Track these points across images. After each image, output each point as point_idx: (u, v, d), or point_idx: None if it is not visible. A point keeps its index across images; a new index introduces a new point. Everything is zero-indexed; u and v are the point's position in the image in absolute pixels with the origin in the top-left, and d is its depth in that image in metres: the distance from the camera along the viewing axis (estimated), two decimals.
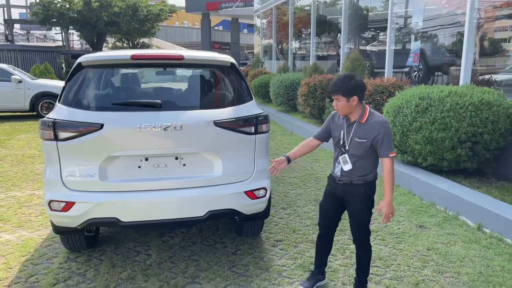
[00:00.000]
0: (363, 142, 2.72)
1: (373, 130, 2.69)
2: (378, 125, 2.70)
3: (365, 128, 2.72)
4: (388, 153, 2.71)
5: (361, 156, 2.77)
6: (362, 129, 2.73)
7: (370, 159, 2.80)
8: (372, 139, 2.70)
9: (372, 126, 2.70)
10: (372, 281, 3.26)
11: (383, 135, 2.68)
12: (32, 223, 4.45)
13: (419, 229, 4.20)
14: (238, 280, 3.30)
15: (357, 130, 2.74)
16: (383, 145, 2.70)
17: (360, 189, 2.82)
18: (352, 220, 2.92)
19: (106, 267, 3.49)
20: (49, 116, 3.06)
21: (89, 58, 3.24)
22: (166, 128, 3.03)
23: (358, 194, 2.83)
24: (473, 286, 3.17)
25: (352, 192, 2.84)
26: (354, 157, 2.78)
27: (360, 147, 2.74)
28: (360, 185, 2.82)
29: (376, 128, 2.69)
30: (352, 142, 2.76)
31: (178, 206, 3.13)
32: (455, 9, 8.14)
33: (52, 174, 3.03)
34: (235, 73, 3.51)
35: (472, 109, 4.91)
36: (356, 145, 2.74)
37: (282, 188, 5.59)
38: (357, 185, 2.82)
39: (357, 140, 2.73)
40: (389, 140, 2.70)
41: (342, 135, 2.81)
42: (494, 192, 4.71)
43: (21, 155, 7.60)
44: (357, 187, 2.83)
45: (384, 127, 2.69)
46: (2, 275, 3.39)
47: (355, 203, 2.85)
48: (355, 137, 2.75)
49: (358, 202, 2.84)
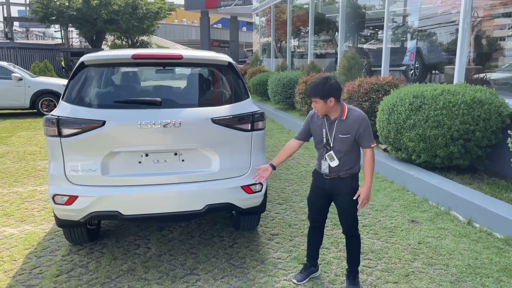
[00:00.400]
0: (347, 137, 2.88)
1: (355, 124, 2.87)
2: (358, 119, 2.88)
3: (347, 124, 2.88)
4: (369, 144, 2.92)
5: (346, 151, 2.93)
6: (344, 125, 2.89)
7: (354, 153, 2.97)
8: (355, 133, 2.88)
9: (353, 121, 2.87)
10: (364, 273, 3.38)
11: (364, 128, 2.87)
12: (35, 218, 4.57)
13: (411, 224, 4.33)
14: (235, 272, 3.42)
15: (339, 127, 2.90)
16: (365, 137, 2.89)
17: (348, 182, 3.00)
18: (342, 211, 3.05)
19: (107, 260, 3.62)
20: (53, 113, 3.17)
21: (91, 57, 3.36)
22: (165, 125, 3.15)
23: (346, 187, 2.99)
24: (461, 277, 3.30)
25: (341, 186, 3.00)
26: (340, 153, 2.94)
27: (345, 142, 2.90)
28: (347, 178, 2.99)
29: (357, 122, 2.87)
30: (337, 139, 2.92)
31: (177, 200, 3.25)
32: (450, 8, 8.25)
33: (56, 169, 3.15)
34: (232, 72, 3.62)
35: (464, 107, 5.03)
36: (341, 141, 2.90)
37: (278, 184, 5.71)
38: (345, 178, 2.99)
39: (341, 136, 2.89)
40: (370, 132, 2.90)
41: (325, 133, 2.96)
42: (485, 188, 4.84)
43: (22, 152, 7.71)
44: (345, 180, 2.99)
45: (364, 121, 2.88)
46: (7, 267, 3.51)
47: (344, 196, 3.00)
48: (338, 134, 2.90)
49: (346, 194, 2.99)
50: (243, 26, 52.71)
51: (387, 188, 5.44)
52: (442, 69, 9.18)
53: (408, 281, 3.26)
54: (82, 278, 3.33)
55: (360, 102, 6.93)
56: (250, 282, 3.26)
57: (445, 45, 9.03)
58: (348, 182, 3.00)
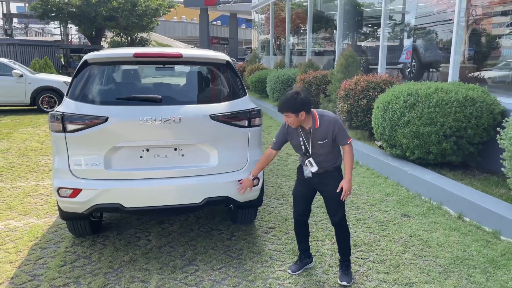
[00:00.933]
0: (325, 142, 3.07)
1: (329, 129, 3.05)
2: (331, 123, 3.06)
3: (322, 130, 3.06)
4: (345, 141, 3.10)
5: (328, 152, 3.12)
6: (320, 132, 3.06)
7: (335, 151, 3.17)
8: (331, 136, 3.06)
9: (327, 126, 3.05)
10: (356, 264, 3.52)
11: (338, 129, 3.06)
12: (38, 211, 4.70)
13: (404, 218, 4.46)
14: (232, 263, 3.56)
15: (316, 134, 3.07)
16: (340, 136, 3.08)
17: (335, 174, 3.19)
18: (331, 202, 3.21)
19: (109, 251, 3.75)
20: (57, 110, 3.30)
21: (94, 56, 3.48)
22: (166, 121, 3.28)
23: (333, 177, 3.18)
24: (449, 268, 3.43)
25: (328, 178, 3.18)
26: (323, 155, 3.13)
27: (324, 146, 3.09)
28: (333, 171, 3.18)
29: (330, 127, 3.05)
30: (316, 146, 3.10)
31: (177, 193, 3.38)
32: (446, 7, 8.38)
33: (60, 163, 3.28)
34: (230, 70, 3.75)
35: (457, 105, 5.16)
36: (321, 146, 3.09)
37: (275, 180, 5.84)
38: (331, 171, 3.18)
39: (320, 142, 3.08)
40: (343, 130, 3.10)
41: (302, 142, 3.14)
42: (476, 184, 4.97)
43: (24, 148, 7.83)
44: (331, 173, 3.18)
45: (336, 122, 3.07)
46: (12, 258, 3.64)
47: (332, 186, 3.16)
48: (317, 141, 3.08)
49: (334, 185, 3.16)
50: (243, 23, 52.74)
51: (381, 183, 5.58)
52: (439, 67, 9.31)
53: (398, 271, 3.39)
54: (86, 268, 3.46)
55: (356, 99, 7.06)
56: (247, 272, 3.40)
57: (441, 44, 9.15)
58: (335, 174, 3.18)
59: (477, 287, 3.17)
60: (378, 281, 3.26)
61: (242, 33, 49.03)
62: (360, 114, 7.09)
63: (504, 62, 7.40)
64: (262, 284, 3.23)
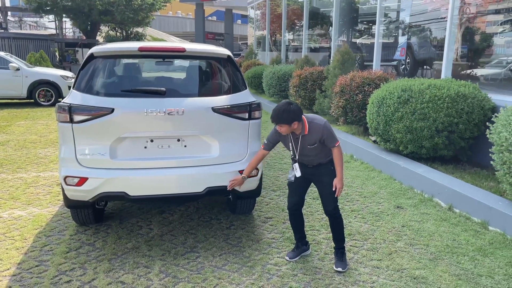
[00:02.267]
0: (315, 146, 3.24)
1: (317, 134, 3.20)
2: (319, 129, 3.20)
3: (311, 137, 3.21)
4: (334, 144, 3.25)
5: (318, 152, 3.28)
6: (309, 138, 3.22)
7: (326, 148, 3.31)
8: (319, 140, 3.21)
9: (316, 132, 3.19)
10: (350, 252, 3.68)
11: (326, 134, 3.20)
12: (41, 201, 4.80)
13: (397, 209, 4.63)
14: (232, 250, 3.70)
15: (305, 140, 3.23)
16: (328, 140, 3.23)
17: (327, 165, 3.35)
18: (325, 192, 3.36)
19: (113, 239, 3.88)
20: (64, 101, 3.41)
21: (100, 49, 3.59)
22: (169, 113, 3.40)
23: (327, 169, 3.34)
24: (439, 256, 3.60)
25: (321, 170, 3.34)
26: (314, 155, 3.29)
27: (314, 149, 3.26)
28: (326, 163, 3.34)
29: (319, 132, 3.20)
30: (306, 150, 3.26)
31: (180, 182, 3.51)
32: (440, 5, 8.53)
33: (67, 153, 3.40)
34: (231, 64, 3.88)
35: (448, 101, 5.33)
36: (310, 150, 3.26)
37: (273, 173, 5.99)
38: (324, 163, 3.34)
39: (309, 147, 3.24)
40: (332, 135, 3.23)
41: (291, 146, 3.32)
42: (466, 177, 5.15)
43: (23, 140, 7.91)
44: (324, 165, 3.34)
45: (325, 128, 3.20)
46: (18, 245, 3.75)
47: (326, 177, 3.33)
48: (306, 145, 3.24)
49: (327, 176, 3.33)
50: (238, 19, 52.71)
51: (375, 177, 5.74)
52: (432, 64, 9.48)
53: (391, 258, 3.55)
54: (90, 254, 3.59)
55: (351, 95, 7.21)
56: (246, 259, 3.54)
57: (435, 41, 9.32)
58: (328, 166, 3.34)
59: (466, 273, 3.33)
60: (372, 268, 3.42)
61: (237, 29, 49.03)
62: (355, 109, 7.25)
63: (495, 60, 7.57)
64: (260, 270, 3.37)
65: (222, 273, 3.33)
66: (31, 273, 3.29)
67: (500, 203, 4.21)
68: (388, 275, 3.30)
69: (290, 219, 3.58)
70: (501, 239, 3.85)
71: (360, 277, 3.28)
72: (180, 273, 3.31)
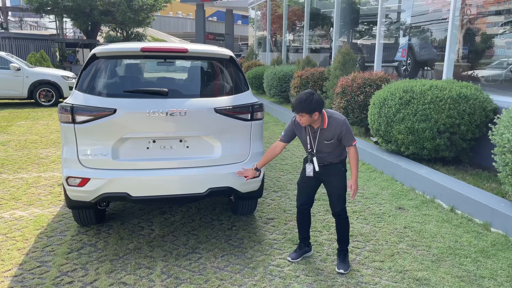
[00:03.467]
0: (331, 142, 3.20)
1: (336, 130, 3.16)
2: (339, 125, 3.16)
3: (329, 131, 3.17)
4: (351, 142, 3.21)
5: (332, 150, 3.26)
6: (327, 132, 3.18)
7: (340, 147, 3.29)
8: (337, 137, 3.18)
9: (334, 127, 3.16)
10: (353, 253, 3.67)
11: (345, 131, 3.16)
12: (42, 202, 4.80)
13: (398, 211, 4.62)
14: (234, 251, 3.69)
15: (323, 134, 3.20)
16: (346, 138, 3.19)
17: (338, 166, 3.32)
18: (333, 193, 3.34)
19: (114, 239, 3.87)
20: (67, 102, 3.41)
21: (102, 49, 3.59)
22: (172, 114, 3.39)
23: (337, 169, 3.31)
24: (441, 257, 3.59)
25: (332, 170, 3.31)
26: (327, 152, 3.26)
27: (330, 146, 3.23)
28: (337, 163, 3.31)
29: (338, 128, 3.16)
30: (321, 144, 3.23)
31: (182, 183, 3.51)
32: (441, 7, 8.53)
33: (69, 153, 3.39)
34: (233, 65, 3.87)
35: (450, 102, 5.32)
36: (326, 145, 3.22)
37: (274, 174, 5.98)
38: (335, 163, 3.31)
39: (326, 142, 3.21)
40: (350, 133, 3.19)
41: (309, 140, 3.27)
42: (468, 178, 5.14)
43: (23, 141, 7.90)
44: (336, 165, 3.32)
45: (344, 125, 3.16)
46: (20, 245, 3.75)
47: (336, 178, 3.31)
48: (323, 140, 3.21)
49: (337, 176, 3.31)
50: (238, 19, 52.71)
51: (377, 178, 5.73)
52: (433, 65, 9.48)
53: (393, 260, 3.55)
54: (92, 255, 3.58)
55: (353, 96, 7.21)
56: (248, 260, 3.53)
57: (436, 42, 9.32)
58: (339, 166, 3.32)
59: (468, 275, 3.32)
60: (374, 269, 3.41)
61: (238, 29, 49.02)
62: (356, 110, 7.25)
63: (497, 61, 7.57)
64: (263, 271, 3.36)
65: (224, 274, 3.32)
66: (32, 274, 3.28)
67: (502, 204, 4.20)
68: (390, 277, 3.29)
69: (297, 218, 3.57)
70: (503, 241, 3.84)
71: (362, 278, 3.28)
72: (182, 274, 3.30)
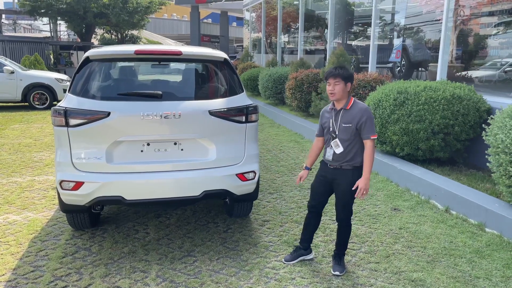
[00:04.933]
0: (349, 127, 3.10)
1: (357, 115, 3.09)
2: (361, 111, 3.10)
3: (351, 114, 3.11)
4: (369, 135, 3.09)
5: (348, 139, 3.14)
6: (348, 114, 3.12)
7: (356, 145, 3.16)
8: (357, 123, 3.08)
9: (356, 112, 3.10)
10: (348, 254, 3.67)
11: (366, 118, 3.07)
12: (36, 206, 4.76)
13: (394, 212, 4.63)
14: (229, 254, 3.68)
15: (344, 116, 3.13)
16: (365, 128, 3.08)
17: (348, 174, 3.20)
18: (339, 200, 3.29)
19: (109, 243, 3.85)
20: (60, 105, 3.39)
21: (96, 52, 3.57)
22: (166, 117, 3.38)
23: (347, 177, 3.20)
24: (436, 258, 3.60)
25: (342, 176, 3.22)
26: (343, 142, 3.16)
27: (347, 132, 3.12)
28: (349, 170, 3.20)
29: (359, 113, 3.09)
30: (340, 128, 3.14)
31: (177, 186, 3.49)
32: (434, 8, 8.58)
33: (63, 157, 3.37)
34: (228, 67, 3.87)
35: (444, 103, 5.35)
36: (344, 130, 3.13)
37: (270, 176, 5.98)
38: (346, 170, 3.20)
39: (344, 125, 3.12)
40: (372, 124, 3.09)
41: (331, 123, 3.20)
42: (463, 179, 5.16)
43: (17, 144, 7.85)
44: (346, 171, 3.20)
45: (366, 112, 3.09)
46: (13, 250, 3.72)
47: (343, 186, 3.21)
48: (342, 123, 3.13)
49: (346, 185, 3.20)
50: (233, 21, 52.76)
51: (372, 179, 5.74)
52: (427, 66, 9.52)
53: (388, 261, 3.55)
54: (86, 259, 3.56)
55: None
56: (244, 263, 3.52)
57: (430, 43, 9.36)
58: (349, 173, 3.19)
59: (463, 275, 3.33)
60: (370, 270, 3.41)
61: (233, 31, 49.06)
62: None
63: (490, 61, 7.62)
64: (258, 274, 3.35)
65: (219, 277, 3.31)
66: (26, 279, 3.25)
67: (497, 204, 4.22)
68: (386, 278, 3.30)
69: (306, 218, 3.52)
70: (498, 241, 3.86)
71: (358, 280, 3.27)
72: (177, 278, 3.29)
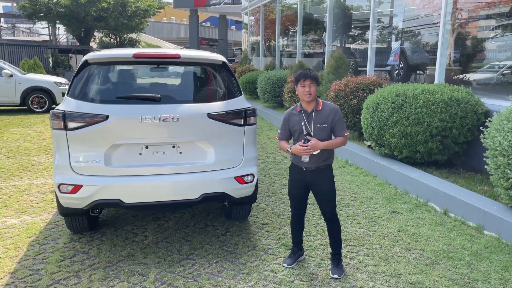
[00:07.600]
0: (325, 127, 3.22)
1: (330, 115, 3.22)
2: (333, 111, 3.24)
3: (323, 115, 3.21)
4: (343, 132, 3.26)
5: (324, 140, 3.23)
6: (321, 115, 3.22)
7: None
8: (331, 122, 3.21)
9: (329, 112, 3.22)
10: (347, 257, 3.67)
11: (338, 118, 3.24)
12: (34, 209, 4.76)
13: (392, 214, 4.63)
14: (228, 257, 3.68)
15: (317, 118, 3.22)
16: (338, 126, 3.24)
17: (327, 172, 3.33)
18: (323, 199, 3.35)
19: (107, 246, 3.84)
20: (59, 108, 3.39)
21: (94, 56, 3.58)
22: (164, 120, 3.39)
23: (325, 176, 3.32)
24: (435, 261, 3.60)
25: (320, 176, 3.31)
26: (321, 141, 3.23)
27: (323, 132, 3.22)
28: (324, 169, 3.31)
29: (332, 113, 3.23)
30: (315, 129, 3.23)
31: (175, 189, 3.49)
32: (432, 11, 8.61)
33: (61, 160, 3.37)
34: (226, 70, 3.88)
35: (442, 106, 5.36)
36: (320, 130, 3.22)
37: (268, 179, 5.98)
38: (323, 169, 3.31)
39: (319, 126, 3.21)
40: (343, 122, 3.28)
41: (304, 125, 3.25)
42: (461, 181, 5.17)
43: (16, 147, 7.84)
44: (323, 171, 3.31)
45: (338, 112, 3.26)
46: (12, 254, 3.71)
47: (324, 184, 3.32)
48: (317, 124, 3.22)
49: (326, 183, 3.32)
50: (232, 24, 52.87)
51: (370, 182, 5.75)
52: (425, 69, 9.54)
53: (387, 264, 3.55)
54: (85, 263, 3.55)
55: (346, 100, 7.24)
56: (242, 266, 3.52)
57: (428, 46, 9.38)
58: (327, 172, 3.33)
59: (462, 278, 3.33)
60: (368, 273, 3.41)
61: (231, 35, 49.17)
62: (349, 114, 7.27)
63: (488, 64, 7.64)
64: (257, 277, 3.35)
65: (218, 280, 3.30)
66: (24, 282, 3.25)
67: (495, 207, 4.22)
68: (384, 281, 3.30)
69: (291, 221, 3.58)
70: (496, 243, 3.86)
71: (356, 283, 3.27)
72: (176, 281, 3.28)
